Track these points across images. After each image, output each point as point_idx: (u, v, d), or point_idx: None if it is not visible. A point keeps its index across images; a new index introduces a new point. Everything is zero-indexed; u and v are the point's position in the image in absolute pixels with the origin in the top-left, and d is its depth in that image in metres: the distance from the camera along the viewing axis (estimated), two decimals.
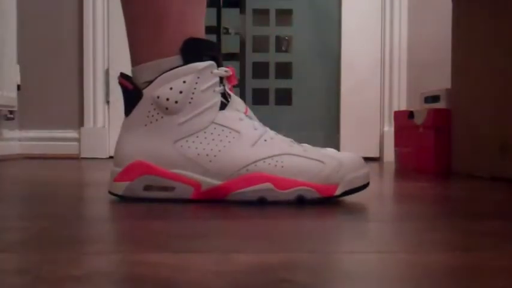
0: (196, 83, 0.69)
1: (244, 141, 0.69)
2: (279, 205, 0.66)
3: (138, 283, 0.32)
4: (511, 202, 0.75)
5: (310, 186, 0.67)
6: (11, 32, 1.81)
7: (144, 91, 0.69)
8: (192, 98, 0.69)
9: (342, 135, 1.96)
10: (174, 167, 0.69)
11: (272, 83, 2.00)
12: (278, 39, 2.01)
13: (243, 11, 1.98)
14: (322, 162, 0.68)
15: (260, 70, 2.00)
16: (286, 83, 1.99)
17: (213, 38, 1.95)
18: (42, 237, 0.46)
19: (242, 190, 0.68)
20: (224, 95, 0.71)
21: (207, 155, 0.68)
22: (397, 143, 1.54)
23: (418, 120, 1.38)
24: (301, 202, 0.67)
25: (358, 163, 0.70)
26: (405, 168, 1.45)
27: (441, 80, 1.65)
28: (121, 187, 0.70)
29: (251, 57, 2.00)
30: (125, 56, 0.74)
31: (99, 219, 0.57)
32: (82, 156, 1.93)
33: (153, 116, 0.69)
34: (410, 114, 1.42)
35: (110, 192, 0.71)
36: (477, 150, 1.18)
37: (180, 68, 0.69)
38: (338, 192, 0.68)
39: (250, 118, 0.72)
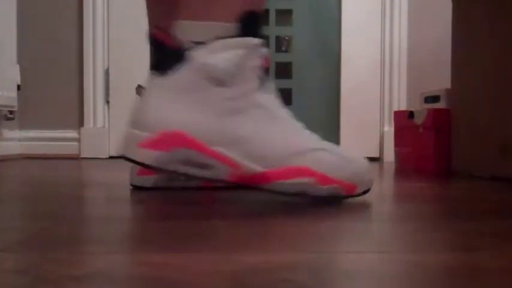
0: (248, 59, 0.63)
1: (289, 130, 0.65)
2: (278, 205, 0.66)
3: (138, 283, 0.32)
4: (511, 202, 0.75)
5: (342, 185, 0.67)
6: (11, 32, 1.81)
7: (193, 54, 0.61)
8: (243, 74, 0.62)
9: (342, 135, 1.96)
10: (215, 144, 0.62)
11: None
12: (278, 39, 2.01)
13: None
14: (355, 161, 0.69)
15: None
16: (286, 83, 1.99)
17: None
18: (42, 237, 0.46)
19: (282, 181, 0.64)
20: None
21: (251, 137, 0.63)
22: (397, 143, 1.54)
23: (418, 120, 1.38)
24: (331, 200, 0.67)
25: (369, 166, 0.71)
26: (405, 168, 1.45)
27: (441, 80, 1.65)
28: (150, 156, 0.61)
29: None
30: (125, 55, 0.74)
31: (99, 219, 0.57)
32: (82, 156, 1.93)
33: (199, 84, 0.61)
34: (410, 114, 1.42)
35: (129, 159, 0.62)
36: (477, 150, 1.18)
37: (238, 38, 0.62)
38: (358, 191, 0.68)
39: None
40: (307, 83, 1.99)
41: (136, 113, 0.62)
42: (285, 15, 2.00)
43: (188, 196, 0.75)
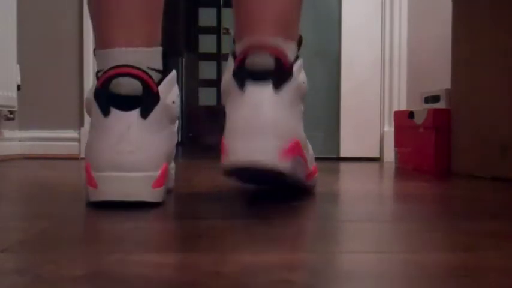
0: None
1: None
2: (278, 205, 0.66)
3: (138, 283, 0.32)
4: (511, 202, 0.75)
5: None
6: (11, 32, 1.81)
7: (294, 73, 0.70)
8: None
9: (342, 135, 1.96)
10: (305, 150, 0.71)
11: None
12: None
13: None
14: None
15: None
16: None
17: (213, 38, 1.96)
18: (42, 237, 0.46)
19: (314, 177, 0.78)
20: None
21: (306, 142, 0.75)
22: (397, 143, 1.54)
23: (418, 120, 1.38)
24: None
25: None
26: (405, 168, 1.45)
27: (441, 80, 1.65)
28: (286, 165, 0.64)
29: None
30: None
31: (99, 219, 0.57)
32: (82, 156, 1.93)
33: (298, 99, 0.70)
34: (410, 114, 1.42)
35: (272, 170, 0.63)
36: (477, 150, 1.18)
37: (301, 60, 0.74)
38: None
39: None
40: (307, 83, 1.99)
41: (274, 123, 0.63)
42: None
43: (187, 197, 0.75)
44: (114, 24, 0.66)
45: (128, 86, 0.63)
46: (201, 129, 3.64)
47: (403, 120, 1.47)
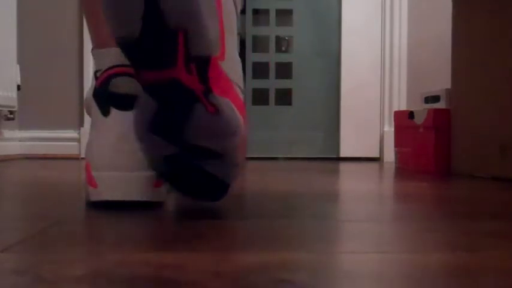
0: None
1: None
2: (278, 205, 0.66)
3: (138, 283, 0.32)
4: (511, 202, 0.75)
5: None
6: (11, 32, 1.81)
7: None
8: None
9: (342, 135, 1.96)
10: None
11: (272, 83, 2.00)
12: (278, 39, 2.01)
13: (243, 11, 1.98)
14: None
15: (260, 70, 2.00)
16: (286, 83, 1.99)
17: None
18: (42, 237, 0.46)
19: None
20: None
21: None
22: (397, 143, 1.54)
23: (418, 120, 1.38)
24: None
25: None
26: (405, 168, 1.45)
27: (441, 80, 1.65)
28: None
29: (251, 57, 2.00)
30: None
31: (99, 219, 0.57)
32: (82, 156, 1.93)
33: None
34: (410, 114, 1.42)
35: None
36: (477, 150, 1.18)
37: None
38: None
39: None
40: (307, 83, 1.99)
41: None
42: (285, 15, 2.00)
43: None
44: None
45: (127, 85, 0.63)
46: None
47: (403, 120, 1.47)
